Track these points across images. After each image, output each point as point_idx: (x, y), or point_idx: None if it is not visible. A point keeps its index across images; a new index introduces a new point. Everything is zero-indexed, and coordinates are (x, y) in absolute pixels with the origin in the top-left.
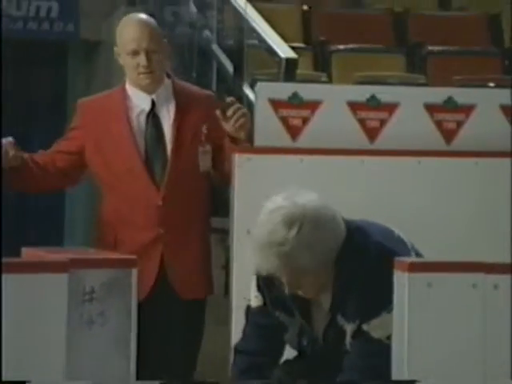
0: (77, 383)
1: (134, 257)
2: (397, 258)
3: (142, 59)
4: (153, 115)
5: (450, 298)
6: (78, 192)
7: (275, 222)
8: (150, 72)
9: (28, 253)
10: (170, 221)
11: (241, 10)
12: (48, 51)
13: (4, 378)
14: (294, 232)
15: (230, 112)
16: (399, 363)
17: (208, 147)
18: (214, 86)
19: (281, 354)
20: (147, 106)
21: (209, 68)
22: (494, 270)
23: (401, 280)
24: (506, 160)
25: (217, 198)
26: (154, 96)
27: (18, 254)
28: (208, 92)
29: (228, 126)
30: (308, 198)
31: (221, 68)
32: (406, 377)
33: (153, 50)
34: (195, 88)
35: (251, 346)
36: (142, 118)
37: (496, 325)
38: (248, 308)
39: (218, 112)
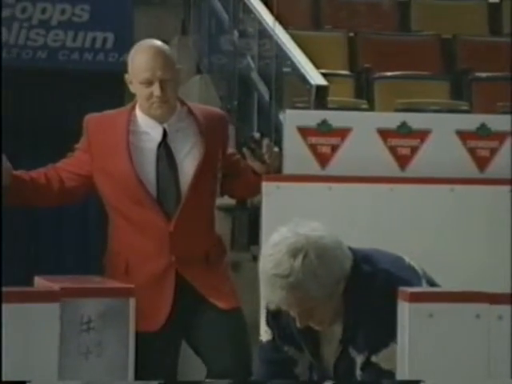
0: (71, 383)
1: (131, 286)
2: (400, 288)
3: (156, 89)
4: (164, 145)
5: (452, 329)
6: None
7: (279, 254)
8: (164, 102)
9: (39, 281)
10: (182, 248)
11: (269, 29)
12: (103, 81)
13: None
14: (298, 262)
15: (264, 149)
16: None
17: (220, 174)
18: (254, 114)
19: None
20: (158, 136)
21: (250, 96)
22: (498, 300)
23: (402, 310)
24: None
25: (256, 226)
26: (165, 125)
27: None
28: (221, 111)
29: (256, 164)
30: (311, 227)
31: (260, 96)
32: None
33: (167, 79)
34: (209, 108)
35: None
36: (153, 148)
37: (500, 357)
38: (260, 344)
39: (244, 150)
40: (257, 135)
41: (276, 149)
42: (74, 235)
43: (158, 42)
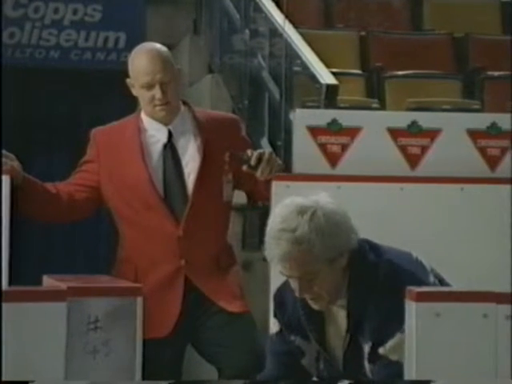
0: (78, 383)
1: (138, 285)
2: (408, 288)
3: (157, 92)
4: (170, 146)
5: (459, 328)
6: None
7: (288, 211)
8: (165, 104)
9: (47, 280)
10: (191, 252)
11: (279, 28)
12: (115, 80)
13: None
14: (306, 218)
15: (252, 162)
16: None
17: (230, 176)
18: (265, 113)
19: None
20: (164, 137)
21: (261, 95)
22: (505, 299)
23: (409, 309)
24: None
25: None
26: (170, 127)
27: None
28: (232, 116)
29: (260, 176)
30: (321, 196)
31: (271, 95)
32: None
33: (167, 81)
34: (218, 113)
35: (272, 375)
36: (159, 150)
37: (507, 356)
38: (270, 336)
39: (245, 168)
40: (244, 156)
41: (266, 155)
42: (86, 238)
43: (156, 45)
